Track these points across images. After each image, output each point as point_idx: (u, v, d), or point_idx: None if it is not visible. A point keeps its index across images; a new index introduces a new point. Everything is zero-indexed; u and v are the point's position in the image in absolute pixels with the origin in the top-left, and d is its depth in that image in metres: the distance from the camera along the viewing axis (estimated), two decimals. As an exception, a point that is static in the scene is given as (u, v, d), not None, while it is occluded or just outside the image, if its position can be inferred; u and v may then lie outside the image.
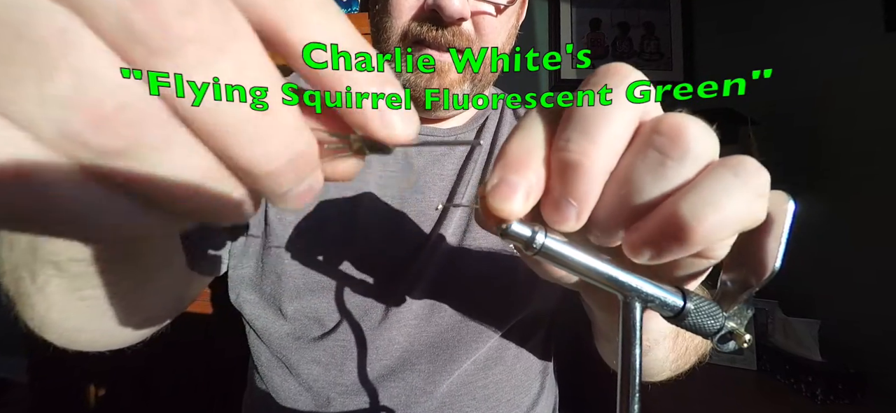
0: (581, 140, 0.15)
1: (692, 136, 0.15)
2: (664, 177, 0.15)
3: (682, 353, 0.37)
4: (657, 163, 0.15)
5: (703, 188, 0.15)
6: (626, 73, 0.16)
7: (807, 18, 1.13)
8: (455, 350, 0.46)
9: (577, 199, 0.16)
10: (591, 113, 0.16)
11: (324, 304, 0.46)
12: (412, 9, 0.43)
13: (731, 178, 0.15)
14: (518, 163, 0.16)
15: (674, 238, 0.15)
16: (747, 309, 0.19)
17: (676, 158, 0.15)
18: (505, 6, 0.44)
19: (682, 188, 0.16)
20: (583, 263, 0.17)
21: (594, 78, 0.16)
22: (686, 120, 0.16)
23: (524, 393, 0.51)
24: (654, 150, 0.15)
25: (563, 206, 0.16)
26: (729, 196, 0.15)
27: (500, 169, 0.17)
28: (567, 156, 0.16)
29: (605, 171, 0.16)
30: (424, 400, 0.45)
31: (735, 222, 0.16)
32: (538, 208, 0.17)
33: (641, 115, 0.16)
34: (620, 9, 1.41)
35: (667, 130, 0.15)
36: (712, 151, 0.16)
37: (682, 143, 0.15)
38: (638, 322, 0.18)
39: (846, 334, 0.92)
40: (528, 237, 0.17)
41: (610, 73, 0.16)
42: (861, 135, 0.96)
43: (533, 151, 0.17)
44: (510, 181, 0.16)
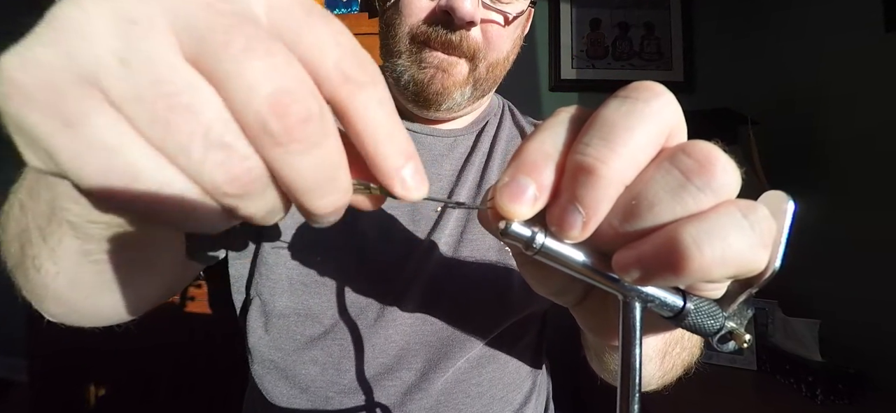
0: (600, 146, 0.15)
1: (721, 167, 0.15)
2: (681, 200, 0.15)
3: (668, 369, 0.37)
4: (678, 184, 0.15)
5: (710, 220, 0.15)
6: (659, 91, 0.16)
7: (807, 18, 1.13)
8: (450, 348, 0.47)
9: (585, 206, 0.15)
10: (615, 121, 0.15)
11: (319, 302, 0.46)
12: (424, 11, 0.44)
13: (740, 217, 0.15)
14: (532, 165, 0.16)
15: (668, 263, 0.15)
16: (747, 309, 0.19)
17: (699, 185, 0.15)
18: (513, 17, 0.45)
19: (690, 218, 0.15)
20: (582, 264, 0.17)
21: (624, 91, 0.16)
22: (717, 150, 0.15)
23: (517, 390, 0.51)
24: (678, 171, 0.15)
25: (569, 212, 0.16)
26: (734, 235, 0.15)
27: (513, 169, 0.16)
28: (583, 160, 0.15)
29: (621, 183, 0.15)
30: (419, 397, 0.46)
31: (734, 263, 0.15)
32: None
33: (666, 136, 0.16)
34: (620, 9, 1.41)
35: (697, 155, 0.15)
36: (733, 189, 0.15)
37: (708, 171, 0.15)
38: (638, 322, 0.18)
39: (846, 334, 0.92)
40: (528, 237, 0.16)
41: (641, 87, 0.16)
42: (861, 135, 0.96)
43: (549, 155, 0.16)
44: (520, 182, 0.16)
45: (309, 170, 0.14)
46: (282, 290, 0.46)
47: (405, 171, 0.15)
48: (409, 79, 0.46)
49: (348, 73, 0.14)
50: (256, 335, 0.48)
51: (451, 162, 0.51)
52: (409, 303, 0.46)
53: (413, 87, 0.46)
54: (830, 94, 1.04)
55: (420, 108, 0.48)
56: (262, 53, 0.12)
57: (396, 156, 0.15)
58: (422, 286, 0.46)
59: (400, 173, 0.15)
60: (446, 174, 0.51)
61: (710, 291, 0.18)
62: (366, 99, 0.14)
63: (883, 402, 0.82)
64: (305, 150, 0.13)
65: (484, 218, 0.18)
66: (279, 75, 0.12)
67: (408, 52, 0.45)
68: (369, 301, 0.46)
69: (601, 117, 0.16)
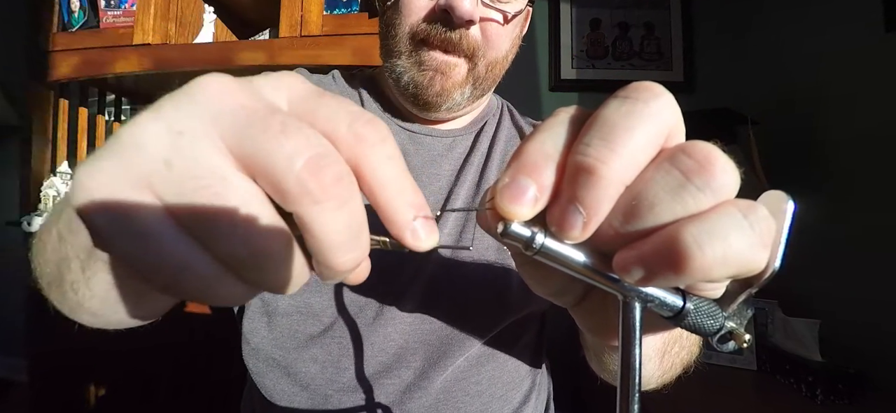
0: (601, 146, 0.15)
1: (720, 167, 0.15)
2: (681, 200, 0.15)
3: (668, 368, 0.37)
4: (677, 184, 0.15)
5: (710, 219, 0.15)
6: (658, 92, 0.16)
7: (806, 18, 1.13)
8: (449, 347, 0.47)
9: (586, 206, 0.15)
10: (616, 121, 0.15)
11: (320, 299, 0.46)
12: (423, 9, 0.44)
13: (741, 217, 0.15)
14: (533, 165, 0.16)
15: (668, 263, 0.15)
16: (747, 309, 0.19)
17: (698, 185, 0.15)
18: (512, 16, 0.46)
19: (691, 217, 0.15)
20: (582, 264, 0.17)
21: (624, 91, 0.16)
22: (716, 151, 0.15)
23: (516, 389, 0.52)
24: (678, 171, 0.15)
25: (570, 213, 0.16)
26: (735, 234, 0.15)
27: (513, 170, 0.16)
28: (583, 160, 0.15)
29: (621, 183, 0.15)
30: (419, 395, 0.46)
31: (734, 262, 0.15)
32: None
33: (666, 137, 0.16)
34: (620, 9, 1.41)
35: (696, 155, 0.15)
36: (732, 189, 0.15)
37: (708, 171, 0.15)
38: (638, 322, 0.18)
39: (846, 334, 0.92)
40: (528, 238, 0.16)
41: (641, 88, 0.16)
42: (861, 134, 0.96)
43: (549, 155, 0.16)
44: (521, 183, 0.16)
45: (341, 225, 0.15)
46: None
47: (416, 223, 0.17)
48: (409, 80, 0.46)
49: (360, 133, 0.16)
50: (258, 334, 0.48)
51: (449, 162, 0.52)
52: (408, 302, 0.46)
53: (412, 89, 0.46)
54: (830, 94, 1.04)
55: (420, 110, 0.49)
56: (295, 131, 0.14)
57: (407, 208, 0.17)
58: (421, 285, 0.47)
59: (411, 225, 0.17)
60: (445, 174, 0.51)
61: (709, 291, 0.18)
62: (377, 156, 0.16)
63: (883, 402, 0.82)
64: (338, 206, 0.15)
65: (483, 219, 0.18)
66: (312, 145, 0.14)
67: (407, 52, 0.45)
68: (368, 300, 0.46)
69: (601, 118, 0.16)
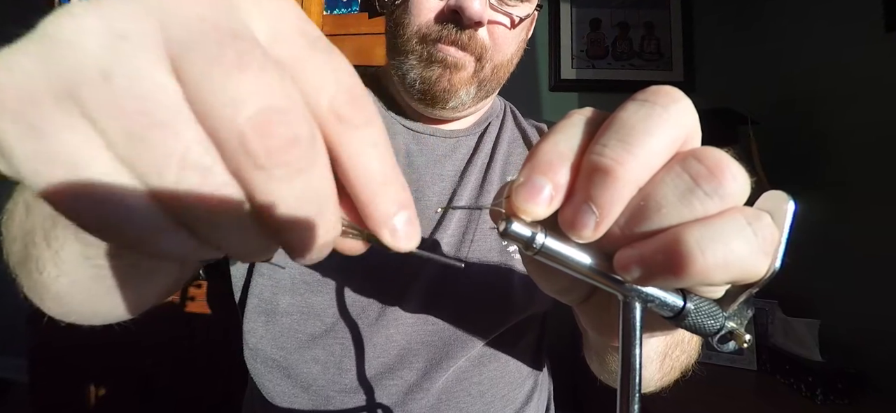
0: (618, 147, 0.15)
1: (731, 175, 0.15)
2: (688, 203, 0.15)
3: (668, 371, 0.37)
4: (687, 188, 0.15)
5: (714, 224, 0.15)
6: (678, 97, 0.16)
7: (807, 18, 1.13)
8: (451, 347, 0.47)
9: (599, 206, 0.15)
10: (634, 124, 0.15)
11: (321, 300, 0.46)
12: (433, 10, 0.44)
13: (745, 224, 0.15)
14: (548, 165, 0.16)
15: (669, 264, 0.15)
16: (747, 309, 0.19)
17: (707, 191, 0.15)
18: (519, 20, 0.46)
19: (695, 221, 0.15)
20: (582, 264, 0.17)
21: (642, 94, 0.16)
22: (728, 158, 0.15)
23: (518, 389, 0.52)
24: (688, 175, 0.15)
25: (583, 212, 0.16)
26: (737, 240, 0.15)
27: (529, 169, 0.16)
28: (600, 160, 0.15)
29: (635, 185, 0.15)
30: (421, 396, 0.46)
31: (735, 267, 0.15)
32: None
33: (682, 141, 0.16)
34: (620, 9, 1.41)
35: (707, 161, 0.15)
36: (741, 197, 0.15)
37: (718, 177, 0.15)
38: (638, 322, 0.18)
39: (846, 334, 0.92)
40: (528, 237, 0.16)
41: (660, 91, 0.16)
42: (861, 134, 0.96)
43: (564, 155, 0.16)
44: (537, 182, 0.16)
45: (291, 199, 0.12)
46: (284, 289, 0.46)
47: (397, 220, 0.15)
48: (416, 76, 0.46)
49: (342, 112, 0.13)
50: (258, 334, 0.48)
51: (453, 163, 0.52)
52: (410, 303, 0.46)
53: (420, 85, 0.46)
54: (830, 94, 1.04)
55: (426, 107, 0.49)
56: (253, 69, 0.11)
57: (388, 202, 0.14)
58: (423, 286, 0.47)
59: (391, 221, 0.15)
60: (448, 175, 0.51)
61: (709, 292, 0.18)
62: (359, 140, 0.14)
63: (883, 402, 0.82)
64: (288, 175, 0.12)
65: (495, 216, 0.18)
66: (268, 92, 0.11)
67: (415, 51, 0.45)
68: (370, 301, 0.46)
69: (619, 119, 0.16)
